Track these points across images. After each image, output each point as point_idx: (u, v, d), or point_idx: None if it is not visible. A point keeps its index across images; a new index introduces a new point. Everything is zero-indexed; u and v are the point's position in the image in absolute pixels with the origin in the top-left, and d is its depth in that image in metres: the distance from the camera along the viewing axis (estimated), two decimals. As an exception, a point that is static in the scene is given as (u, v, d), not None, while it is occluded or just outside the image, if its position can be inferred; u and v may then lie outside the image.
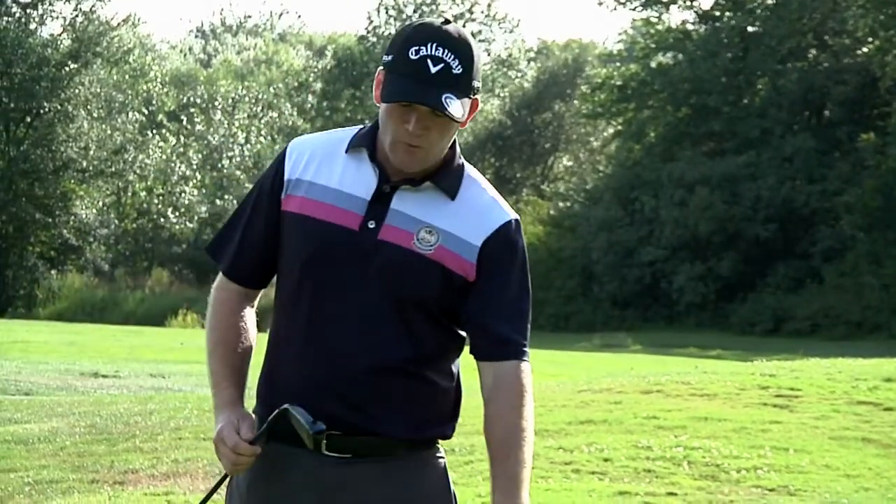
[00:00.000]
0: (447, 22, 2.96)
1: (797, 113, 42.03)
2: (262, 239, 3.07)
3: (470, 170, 3.07)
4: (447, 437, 3.08)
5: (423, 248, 2.95)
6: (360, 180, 3.00)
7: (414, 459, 3.02)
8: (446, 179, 3.01)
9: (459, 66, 2.91)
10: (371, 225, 2.96)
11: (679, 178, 39.69)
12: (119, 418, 11.01)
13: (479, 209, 3.01)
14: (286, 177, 3.04)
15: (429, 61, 2.89)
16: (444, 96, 2.89)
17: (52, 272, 40.65)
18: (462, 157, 3.08)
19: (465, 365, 3.09)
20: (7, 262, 40.28)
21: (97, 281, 41.17)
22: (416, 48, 2.90)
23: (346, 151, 3.03)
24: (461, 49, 2.92)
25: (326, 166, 3.03)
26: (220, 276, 3.16)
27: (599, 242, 40.52)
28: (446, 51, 2.91)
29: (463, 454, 8.67)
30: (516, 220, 3.04)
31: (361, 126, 3.10)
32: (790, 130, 41.16)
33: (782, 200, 38.70)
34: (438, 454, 3.08)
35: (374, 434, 2.98)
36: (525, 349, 3.00)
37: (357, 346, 2.95)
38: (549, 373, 19.49)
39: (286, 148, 3.09)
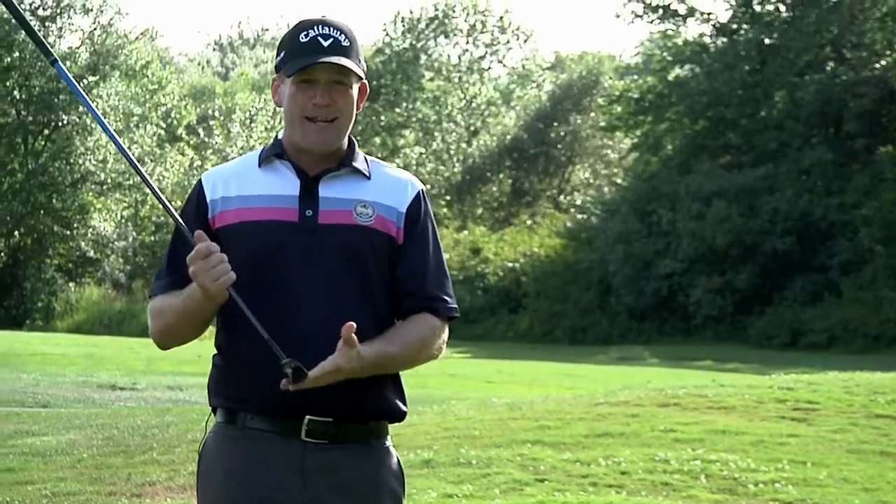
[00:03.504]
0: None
1: (815, 125, 41.92)
2: None
3: (364, 153, 3.36)
4: (406, 411, 3.32)
5: (364, 220, 3.22)
6: (282, 182, 3.25)
7: (379, 446, 3.27)
8: (358, 162, 3.30)
9: (346, 40, 3.23)
10: (308, 213, 3.21)
11: (696, 191, 39.62)
12: (136, 430, 11.04)
13: (395, 181, 3.31)
14: (209, 199, 3.27)
15: (319, 38, 3.21)
16: (339, 59, 3.19)
17: (70, 284, 40.75)
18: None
19: (468, 375, 3.11)
20: (25, 274, 40.40)
21: (115, 293, 41.23)
22: (305, 32, 3.23)
23: (259, 166, 3.29)
24: (344, 29, 3.26)
25: (247, 181, 3.27)
26: (155, 298, 3.30)
27: (616, 255, 40.46)
28: (332, 29, 3.23)
29: (480, 467, 8.67)
30: (423, 188, 3.36)
31: (262, 147, 3.39)
32: (808, 143, 41.06)
33: (800, 213, 38.59)
34: (390, 444, 3.31)
35: (359, 413, 3.19)
36: (453, 305, 3.30)
37: (333, 326, 3.08)
38: (566, 385, 19.46)
39: (199, 181, 3.33)
